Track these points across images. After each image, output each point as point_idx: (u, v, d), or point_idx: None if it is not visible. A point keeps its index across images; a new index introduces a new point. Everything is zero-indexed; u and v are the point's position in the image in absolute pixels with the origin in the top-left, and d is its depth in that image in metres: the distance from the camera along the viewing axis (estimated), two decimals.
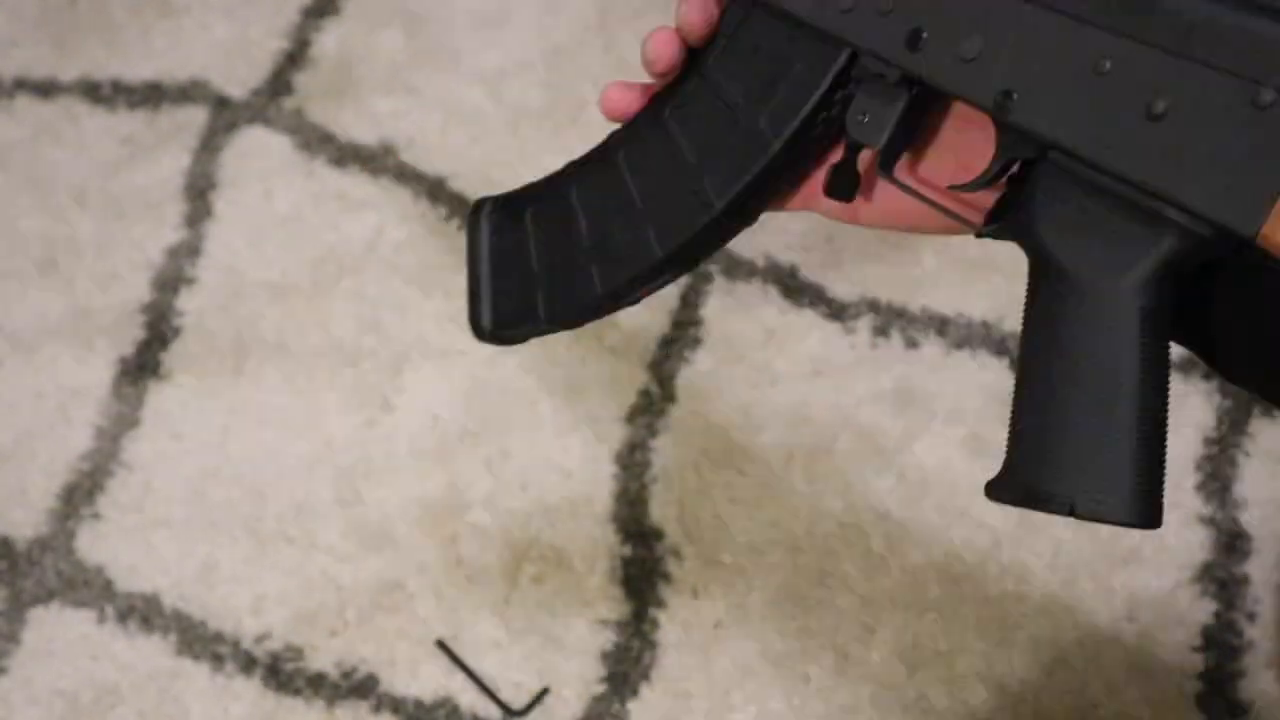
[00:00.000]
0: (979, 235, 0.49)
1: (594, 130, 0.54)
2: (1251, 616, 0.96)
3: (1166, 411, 0.47)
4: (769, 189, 0.53)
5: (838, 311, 1.08)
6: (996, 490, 0.48)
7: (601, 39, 1.20)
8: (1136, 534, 0.98)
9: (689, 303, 1.08)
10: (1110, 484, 0.46)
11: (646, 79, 0.54)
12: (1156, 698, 0.93)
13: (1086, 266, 0.46)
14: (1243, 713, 0.93)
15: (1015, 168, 0.49)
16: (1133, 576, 0.97)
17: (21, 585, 0.97)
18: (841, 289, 1.09)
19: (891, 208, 0.54)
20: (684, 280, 1.09)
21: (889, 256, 1.10)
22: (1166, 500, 0.47)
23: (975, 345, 1.06)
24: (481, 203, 0.56)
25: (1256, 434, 1.02)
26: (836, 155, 0.53)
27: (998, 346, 1.06)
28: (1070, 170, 0.46)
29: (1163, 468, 0.47)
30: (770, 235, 1.11)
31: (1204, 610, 0.96)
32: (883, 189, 0.54)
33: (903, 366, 1.06)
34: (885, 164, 0.51)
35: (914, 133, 0.51)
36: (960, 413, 1.03)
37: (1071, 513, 0.46)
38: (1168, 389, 0.47)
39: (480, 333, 0.56)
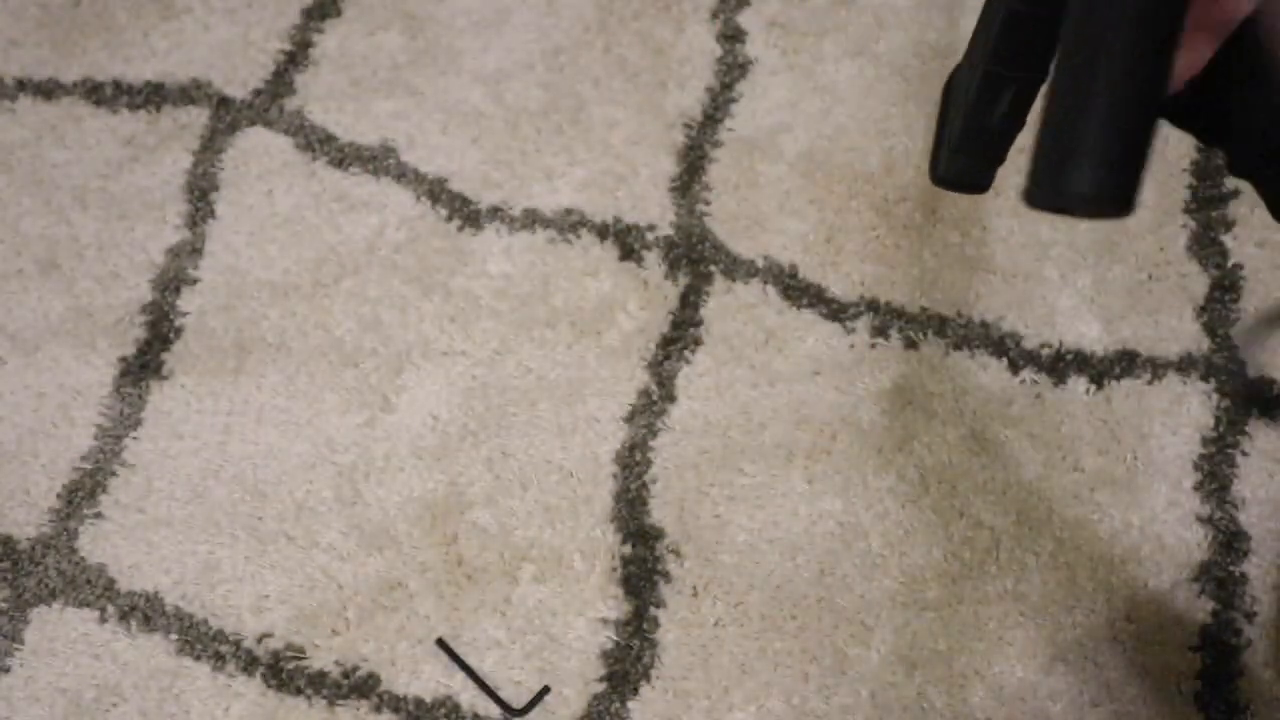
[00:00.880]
0: None
1: (594, 130, 0.55)
2: (1250, 616, 0.96)
3: (1155, 94, 0.45)
4: None
5: (837, 311, 1.08)
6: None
7: (602, 39, 1.20)
8: (1136, 533, 0.98)
9: (689, 303, 1.08)
10: (1074, 168, 0.45)
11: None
12: (1156, 698, 0.93)
13: None
14: (1241, 712, 0.93)
15: None
16: (1132, 576, 0.97)
17: (24, 584, 0.97)
18: (841, 289, 1.09)
19: None
20: (684, 280, 1.09)
21: (889, 256, 1.11)
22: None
23: (975, 345, 1.06)
24: (956, 69, 0.62)
25: (1255, 434, 1.02)
26: None
27: (997, 346, 1.06)
28: None
29: (1138, 149, 0.45)
30: (770, 235, 1.11)
31: (1202, 610, 0.96)
32: None
33: (902, 366, 1.06)
34: None
35: None
36: (960, 413, 1.04)
37: (1033, 204, 0.46)
38: (1159, 75, 0.45)
39: (936, 178, 0.62)
